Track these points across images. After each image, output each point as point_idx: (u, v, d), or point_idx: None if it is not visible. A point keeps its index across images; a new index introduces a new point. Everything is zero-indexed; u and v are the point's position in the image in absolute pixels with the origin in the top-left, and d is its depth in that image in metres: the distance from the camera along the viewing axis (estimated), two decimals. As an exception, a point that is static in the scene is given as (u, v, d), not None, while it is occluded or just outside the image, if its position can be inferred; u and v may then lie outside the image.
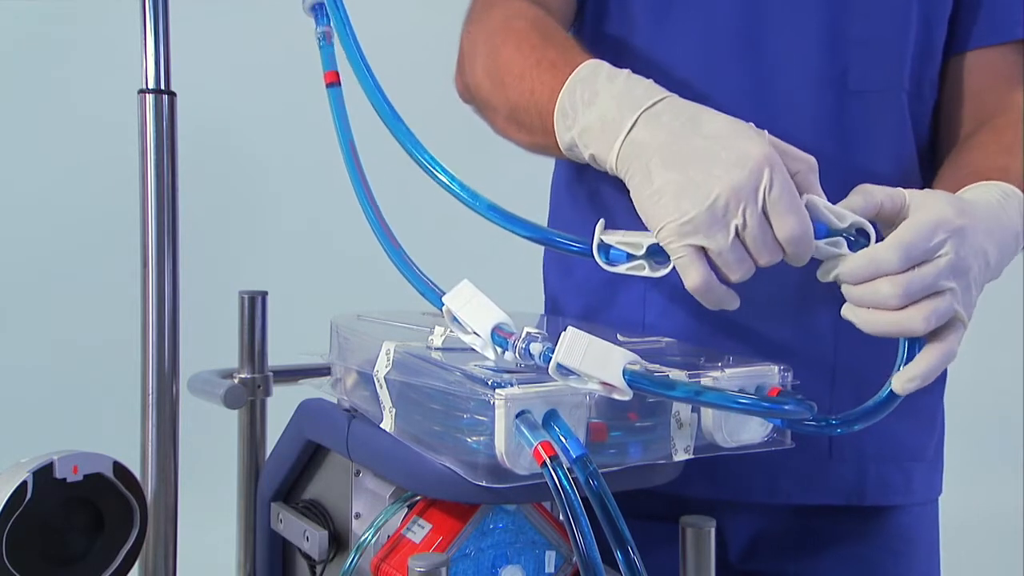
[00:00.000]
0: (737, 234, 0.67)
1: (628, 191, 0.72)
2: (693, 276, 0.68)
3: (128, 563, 0.78)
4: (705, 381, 0.69)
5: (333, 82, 0.87)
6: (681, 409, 0.70)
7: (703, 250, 0.68)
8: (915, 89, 0.93)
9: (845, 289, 0.70)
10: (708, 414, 0.71)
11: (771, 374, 0.73)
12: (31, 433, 1.57)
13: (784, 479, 0.93)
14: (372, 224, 0.81)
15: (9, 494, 0.71)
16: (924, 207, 0.69)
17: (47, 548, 0.74)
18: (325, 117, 0.88)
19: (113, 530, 0.77)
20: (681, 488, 0.89)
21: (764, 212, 0.67)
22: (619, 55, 0.95)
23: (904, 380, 0.69)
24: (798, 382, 0.74)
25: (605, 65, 0.76)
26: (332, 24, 0.86)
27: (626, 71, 0.75)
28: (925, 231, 0.67)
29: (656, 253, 0.70)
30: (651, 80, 0.74)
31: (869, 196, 0.70)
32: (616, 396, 0.62)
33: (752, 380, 0.72)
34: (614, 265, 0.71)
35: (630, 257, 0.71)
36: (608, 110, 0.72)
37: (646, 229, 0.71)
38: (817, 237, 0.69)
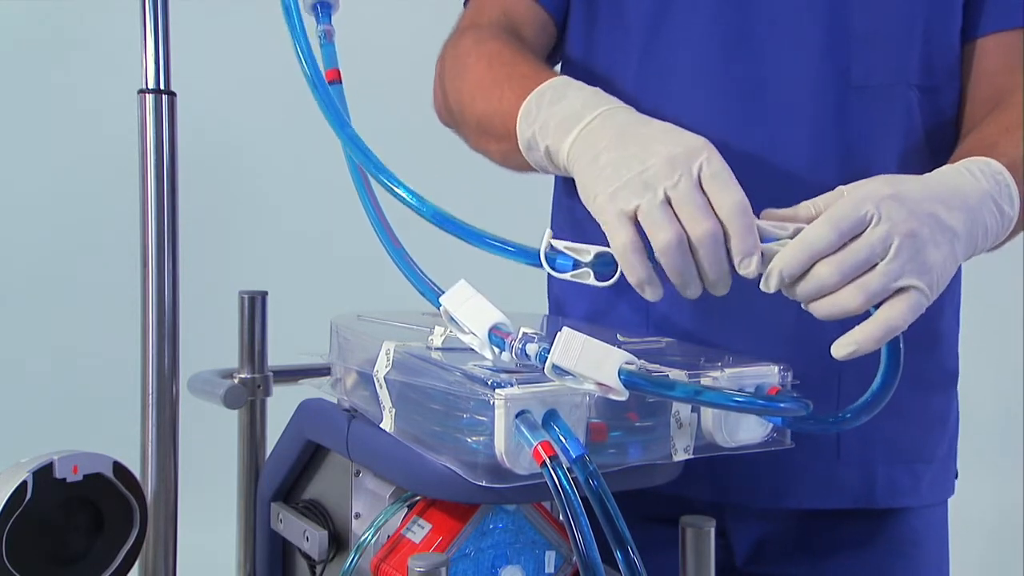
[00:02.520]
0: (668, 199, 0.67)
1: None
2: (620, 237, 0.68)
3: (128, 563, 0.78)
4: (704, 381, 0.69)
5: (334, 80, 0.87)
6: (681, 409, 0.70)
7: (633, 215, 0.68)
8: (927, 81, 0.90)
9: (790, 294, 0.69)
10: (708, 414, 0.71)
11: (771, 374, 0.73)
12: (31, 433, 1.56)
13: (792, 483, 0.92)
14: (373, 222, 0.81)
15: (9, 494, 0.71)
16: (856, 187, 0.69)
17: (47, 548, 0.74)
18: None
19: (113, 530, 0.77)
20: (688, 491, 0.89)
21: (700, 184, 0.67)
22: (613, 58, 0.95)
23: (840, 345, 0.68)
24: (798, 381, 0.73)
25: (575, 80, 0.79)
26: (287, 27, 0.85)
27: (596, 88, 0.78)
28: (853, 204, 0.67)
29: (603, 263, 0.69)
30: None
31: (805, 205, 0.71)
32: (612, 396, 0.62)
33: (752, 380, 0.72)
34: (561, 272, 0.70)
35: (576, 265, 0.70)
36: (572, 108, 0.76)
37: None
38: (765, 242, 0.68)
